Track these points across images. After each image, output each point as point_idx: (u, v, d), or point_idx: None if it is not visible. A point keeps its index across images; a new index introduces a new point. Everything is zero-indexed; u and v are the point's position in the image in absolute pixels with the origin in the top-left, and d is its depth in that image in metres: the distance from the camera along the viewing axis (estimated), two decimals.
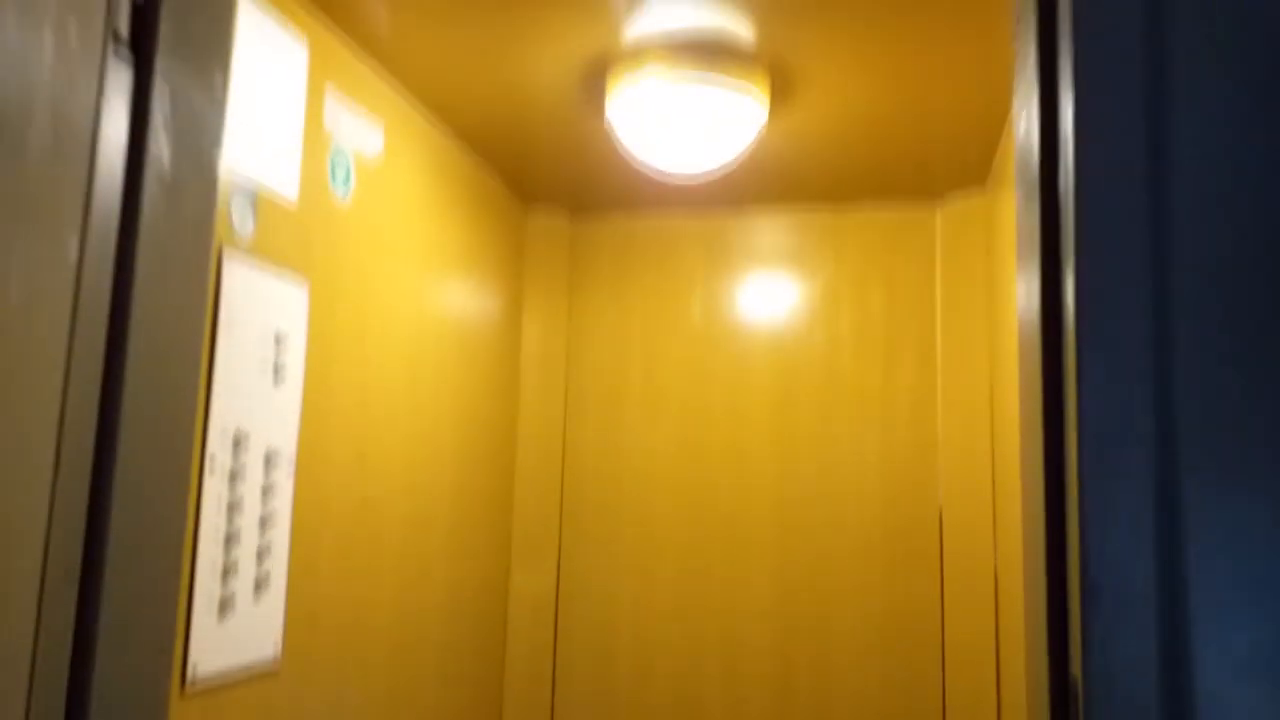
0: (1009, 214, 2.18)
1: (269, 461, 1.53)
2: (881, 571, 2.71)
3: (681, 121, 1.96)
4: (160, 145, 1.00)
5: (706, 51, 1.85)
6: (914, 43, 1.79)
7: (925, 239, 2.79)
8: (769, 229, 2.91)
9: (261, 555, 1.52)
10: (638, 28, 1.76)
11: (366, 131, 1.90)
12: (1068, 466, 0.73)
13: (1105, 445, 0.68)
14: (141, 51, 0.95)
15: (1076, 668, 0.70)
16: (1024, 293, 0.87)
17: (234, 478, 1.44)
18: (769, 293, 2.89)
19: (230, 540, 1.43)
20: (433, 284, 2.26)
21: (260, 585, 1.52)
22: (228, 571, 1.43)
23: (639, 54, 1.86)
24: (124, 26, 0.93)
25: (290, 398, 1.60)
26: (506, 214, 2.79)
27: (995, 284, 2.53)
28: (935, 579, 2.67)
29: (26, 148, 0.83)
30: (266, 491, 1.53)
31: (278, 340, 1.55)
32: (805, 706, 2.70)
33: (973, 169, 2.54)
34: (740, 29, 1.77)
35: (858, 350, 2.81)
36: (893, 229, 2.82)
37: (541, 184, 2.77)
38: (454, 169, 2.38)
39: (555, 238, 2.98)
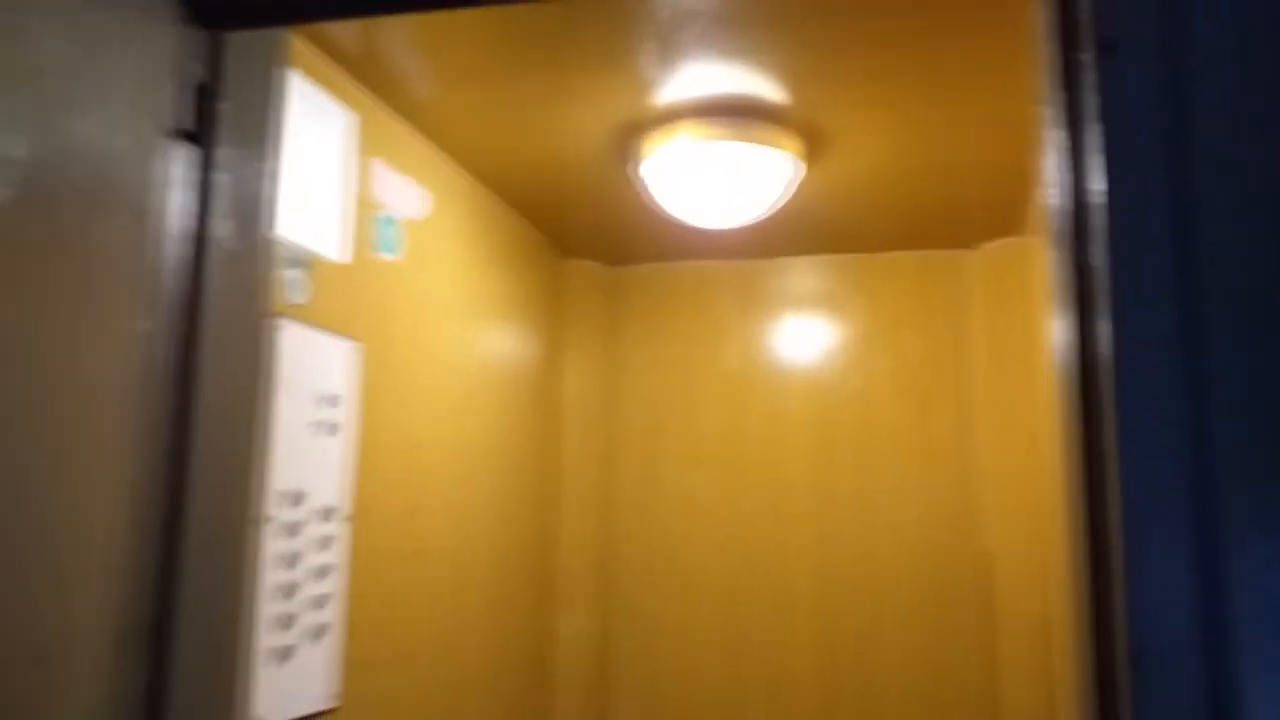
0: (1044, 259, 2.19)
1: (324, 516, 1.60)
2: (920, 607, 2.71)
3: (714, 178, 2.01)
4: (222, 226, 1.06)
5: (738, 113, 1.91)
6: (943, 102, 1.83)
7: (961, 282, 2.80)
8: (804, 273, 2.95)
9: (318, 605, 1.58)
10: (670, 92, 1.82)
11: (412, 196, 1.99)
12: (1110, 528, 0.73)
13: (1145, 506, 0.69)
14: (204, 143, 1.03)
15: None
16: (1062, 352, 0.87)
17: (292, 533, 1.51)
18: (805, 336, 2.92)
19: (289, 592, 1.50)
20: (477, 336, 2.33)
21: (317, 634, 1.58)
22: (287, 622, 1.49)
23: (671, 116, 1.93)
24: (188, 122, 1.00)
25: (344, 454, 1.67)
26: (546, 264, 2.86)
27: (1034, 327, 2.54)
28: (980, 621, 2.65)
29: (107, 238, 0.90)
30: (322, 544, 1.59)
31: (332, 400, 1.63)
32: None
33: (1006, 220, 2.56)
34: (771, 92, 1.82)
35: (894, 393, 2.82)
36: (928, 273, 2.84)
37: (579, 237, 2.84)
38: (495, 226, 2.46)
39: (593, 286, 3.04)
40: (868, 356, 2.86)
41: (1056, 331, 0.90)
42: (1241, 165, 0.73)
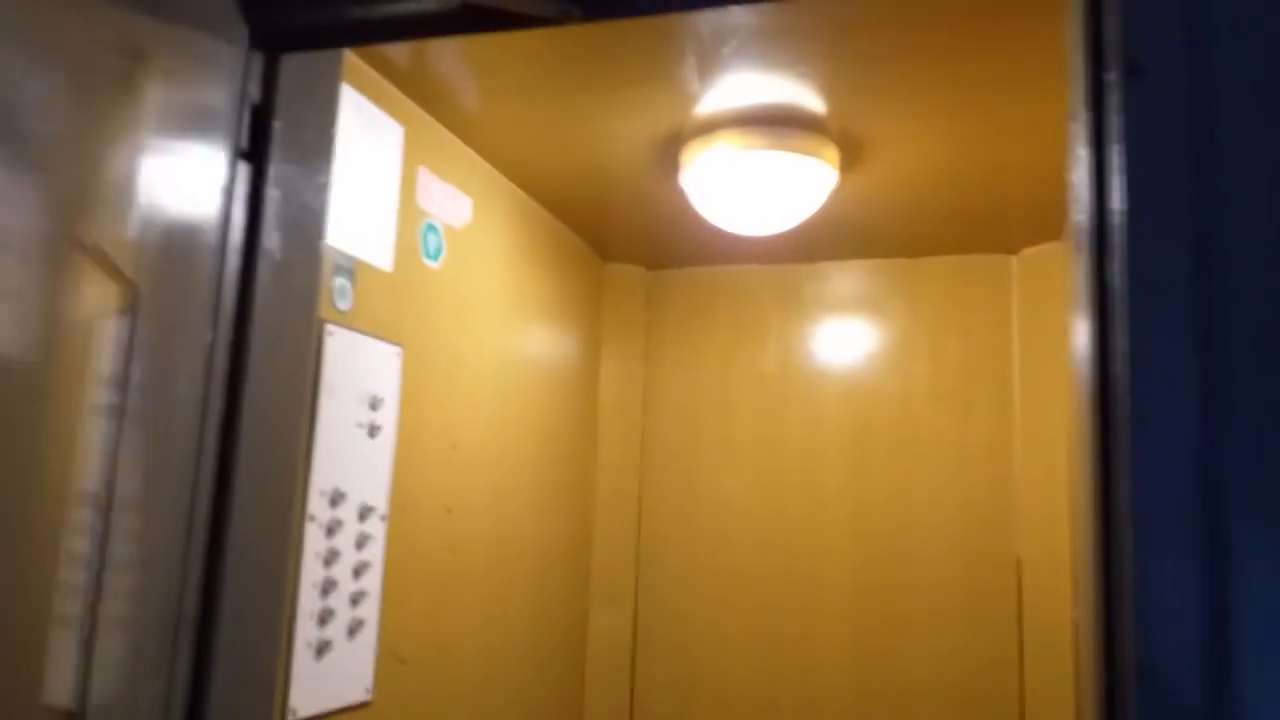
0: None
1: (363, 515, 1.65)
2: (957, 612, 2.70)
3: (753, 186, 2.04)
4: (272, 239, 1.12)
5: (777, 122, 1.93)
6: (985, 110, 1.84)
7: (1001, 287, 2.80)
8: (843, 278, 2.96)
9: (355, 601, 1.64)
10: (710, 103, 1.85)
11: (456, 204, 2.04)
12: (1121, 540, 0.74)
13: (1156, 519, 0.70)
14: (259, 160, 1.08)
15: None
16: (1081, 364, 0.89)
17: (331, 531, 1.56)
18: (843, 340, 2.93)
19: (327, 588, 1.55)
20: (516, 340, 2.38)
21: (354, 629, 1.63)
22: (324, 618, 1.55)
23: (712, 126, 1.96)
24: (245, 141, 1.06)
25: (383, 455, 1.72)
26: (586, 268, 2.90)
27: (1072, 333, 2.52)
28: (1012, 626, 2.64)
29: (190, 257, 0.96)
30: (360, 542, 1.65)
31: (373, 403, 1.68)
32: None
33: (1047, 225, 2.55)
34: (811, 103, 1.84)
35: (933, 397, 2.82)
36: (968, 278, 2.83)
37: (620, 242, 2.88)
38: (536, 231, 2.51)
39: (633, 289, 3.08)
40: (906, 361, 2.86)
41: (1077, 344, 0.91)
42: (1264, 191, 0.74)
